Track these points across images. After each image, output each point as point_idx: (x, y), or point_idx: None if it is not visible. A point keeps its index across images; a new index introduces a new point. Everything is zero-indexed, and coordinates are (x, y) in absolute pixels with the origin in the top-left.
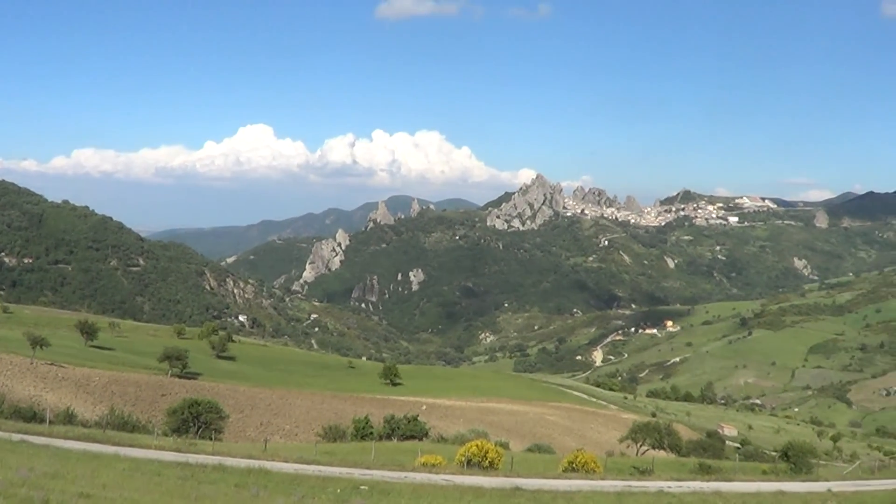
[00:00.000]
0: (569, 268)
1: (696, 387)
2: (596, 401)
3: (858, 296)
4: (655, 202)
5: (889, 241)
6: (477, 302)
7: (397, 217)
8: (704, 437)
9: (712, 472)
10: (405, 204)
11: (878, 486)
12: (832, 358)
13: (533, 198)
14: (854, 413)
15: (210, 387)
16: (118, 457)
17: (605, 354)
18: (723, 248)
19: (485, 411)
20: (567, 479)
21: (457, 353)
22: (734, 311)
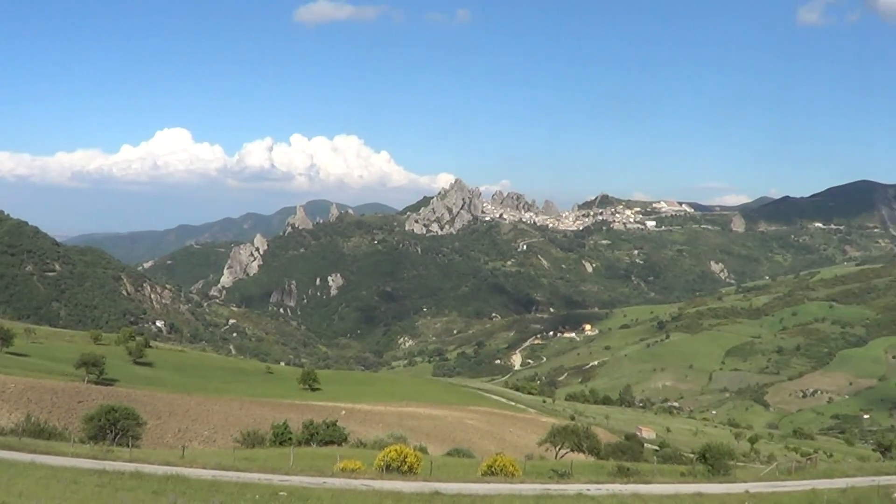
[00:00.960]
0: (487, 272)
1: (615, 390)
2: (515, 405)
3: (775, 299)
4: (574, 207)
5: (805, 245)
6: (396, 306)
7: (316, 222)
8: (623, 439)
9: (631, 474)
10: (324, 208)
11: (794, 486)
12: (749, 360)
13: (451, 202)
14: (771, 415)
15: (127, 393)
16: (34, 465)
17: (524, 358)
18: (640, 253)
19: (404, 416)
20: (486, 483)
21: (376, 358)
22: (652, 314)
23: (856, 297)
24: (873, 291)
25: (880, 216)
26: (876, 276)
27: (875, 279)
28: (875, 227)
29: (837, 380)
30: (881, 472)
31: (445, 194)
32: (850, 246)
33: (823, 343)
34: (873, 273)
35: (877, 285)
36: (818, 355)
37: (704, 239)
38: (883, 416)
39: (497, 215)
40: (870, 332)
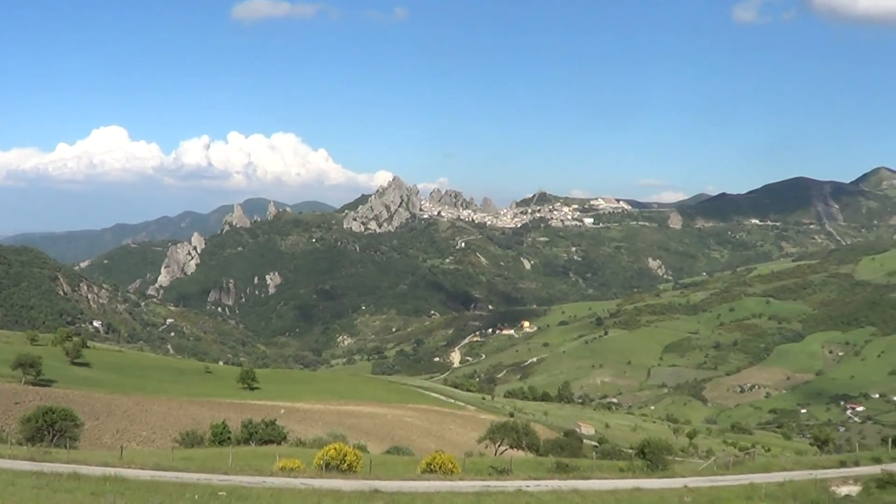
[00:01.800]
0: (426, 270)
1: (554, 386)
2: (454, 402)
3: (712, 295)
4: (511, 204)
5: (741, 242)
6: (334, 305)
7: (253, 220)
8: (562, 436)
9: (570, 470)
10: (261, 207)
11: (732, 480)
12: (687, 356)
13: (390, 200)
14: (709, 410)
15: (65, 394)
16: None
17: (462, 356)
18: (578, 249)
19: (343, 414)
20: (426, 481)
21: (315, 357)
22: (590, 311)
23: (792, 293)
24: (809, 287)
25: (816, 212)
26: (812, 272)
27: (811, 275)
28: (811, 223)
29: (774, 375)
30: (818, 465)
31: (384, 192)
32: (787, 242)
33: (760, 338)
34: (809, 269)
35: (813, 281)
36: (755, 350)
37: (642, 236)
38: (820, 410)
39: (435, 213)
40: (806, 328)
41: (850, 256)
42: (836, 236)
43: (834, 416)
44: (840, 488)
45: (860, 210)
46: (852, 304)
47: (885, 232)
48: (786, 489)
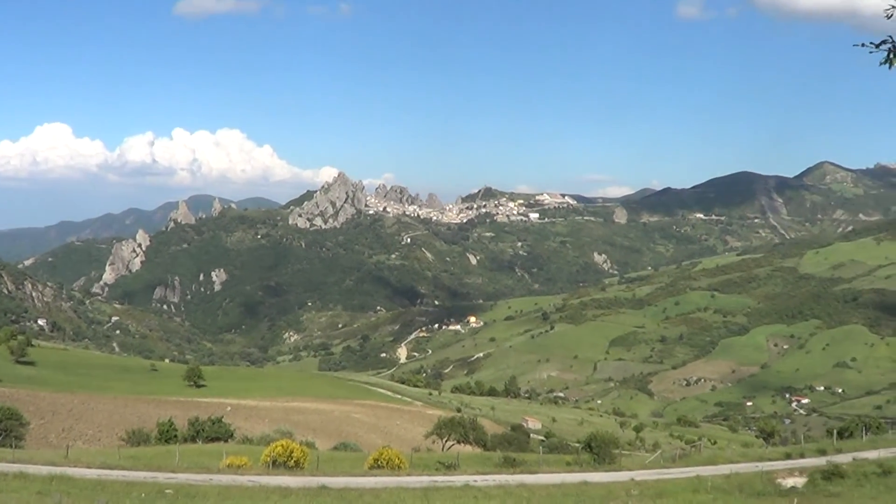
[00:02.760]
0: (372, 265)
1: (500, 381)
2: (401, 397)
3: (657, 289)
4: (457, 199)
5: (686, 236)
6: (280, 301)
7: (198, 217)
8: (509, 430)
9: (517, 464)
10: (206, 203)
11: (678, 473)
12: (633, 350)
13: (335, 196)
14: (655, 403)
15: (9, 393)
16: None
17: (409, 351)
18: (524, 244)
19: (290, 411)
20: (373, 477)
21: (261, 354)
22: (536, 305)
23: (737, 287)
24: (754, 281)
25: (760, 207)
26: (756, 266)
27: (756, 269)
28: (755, 217)
29: (720, 368)
30: (764, 457)
31: (329, 188)
32: (731, 236)
33: (706, 332)
34: (754, 263)
35: (757, 275)
36: (701, 344)
37: (587, 230)
38: (765, 402)
39: (381, 209)
40: (751, 321)
41: (795, 250)
42: (780, 230)
43: (779, 408)
44: (786, 480)
45: (804, 204)
46: (797, 298)
47: (828, 226)
48: (732, 481)
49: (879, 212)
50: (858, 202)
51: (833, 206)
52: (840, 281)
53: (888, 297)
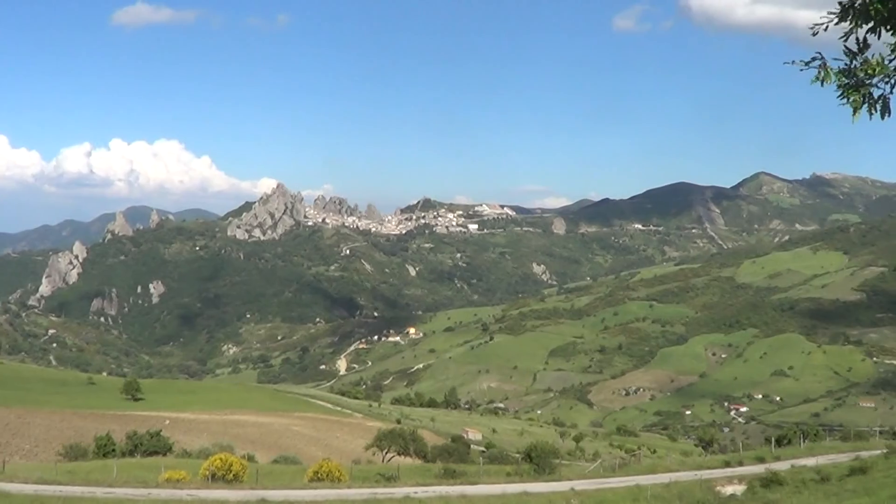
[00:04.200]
0: (311, 277)
1: (440, 392)
2: (341, 410)
3: (596, 299)
4: (396, 211)
5: (624, 246)
6: (219, 313)
7: (136, 228)
8: (449, 441)
9: (458, 475)
10: (144, 215)
11: (618, 483)
12: (572, 360)
13: (274, 207)
14: (595, 413)
15: None
16: None
17: (349, 363)
18: (463, 256)
19: (229, 424)
20: (313, 490)
21: (200, 366)
22: (475, 316)
23: (675, 297)
24: (692, 290)
25: (698, 217)
26: (694, 276)
27: (693, 278)
28: (693, 227)
29: (659, 377)
30: (703, 466)
31: (268, 199)
32: (669, 246)
33: (644, 342)
34: (691, 272)
35: (695, 284)
36: (640, 354)
37: (526, 241)
38: (704, 411)
39: (320, 220)
40: (689, 330)
41: (732, 260)
42: (717, 240)
43: (718, 416)
44: (725, 488)
45: (741, 214)
46: (734, 307)
47: (765, 235)
48: (672, 490)
49: (815, 222)
50: (795, 212)
51: (770, 216)
52: (777, 290)
53: (824, 306)
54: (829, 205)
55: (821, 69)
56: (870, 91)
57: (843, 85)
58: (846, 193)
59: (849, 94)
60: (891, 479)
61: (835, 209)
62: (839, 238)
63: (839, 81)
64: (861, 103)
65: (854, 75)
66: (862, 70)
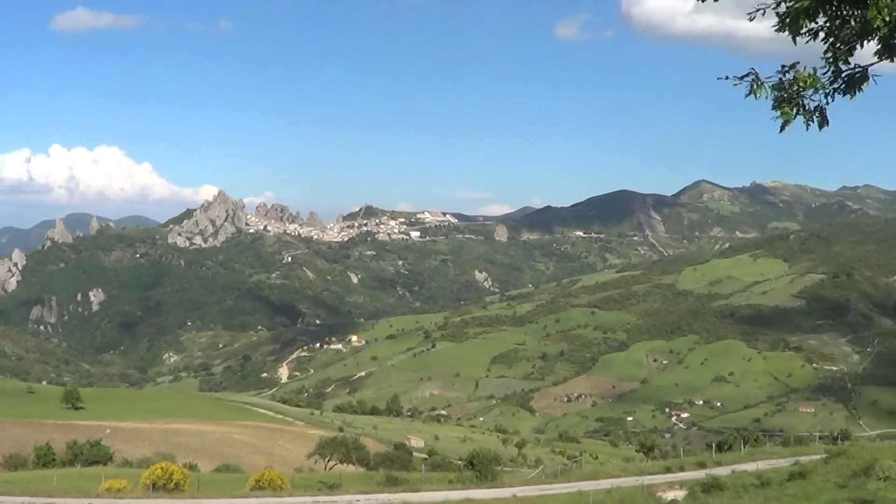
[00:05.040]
0: (252, 284)
1: (383, 400)
2: (283, 418)
3: (538, 307)
4: (338, 218)
5: (566, 254)
6: (160, 321)
7: (76, 235)
8: (392, 449)
9: (400, 483)
10: (84, 222)
11: (560, 489)
12: (514, 367)
13: (215, 214)
14: (537, 420)
15: None
16: None
17: (290, 371)
18: (405, 263)
19: (171, 433)
20: (255, 498)
21: (140, 375)
22: (418, 324)
23: (616, 304)
24: (633, 297)
25: (639, 224)
26: (635, 283)
27: (635, 285)
28: (634, 234)
29: (600, 383)
30: (645, 471)
31: (209, 206)
32: (611, 253)
33: (586, 348)
34: (633, 279)
35: (636, 291)
36: (581, 360)
37: (468, 249)
38: (645, 417)
39: (261, 227)
40: (630, 337)
41: (673, 267)
42: (658, 248)
43: (659, 422)
44: (666, 493)
45: (682, 222)
46: (675, 314)
47: (705, 243)
48: (614, 496)
49: (755, 229)
50: (735, 220)
51: (710, 223)
52: (717, 297)
53: (764, 313)
54: (769, 212)
55: (753, 83)
56: (803, 103)
57: (777, 99)
58: (786, 201)
59: (781, 108)
60: (830, 484)
61: (775, 217)
62: (779, 245)
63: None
64: (793, 116)
65: (787, 89)
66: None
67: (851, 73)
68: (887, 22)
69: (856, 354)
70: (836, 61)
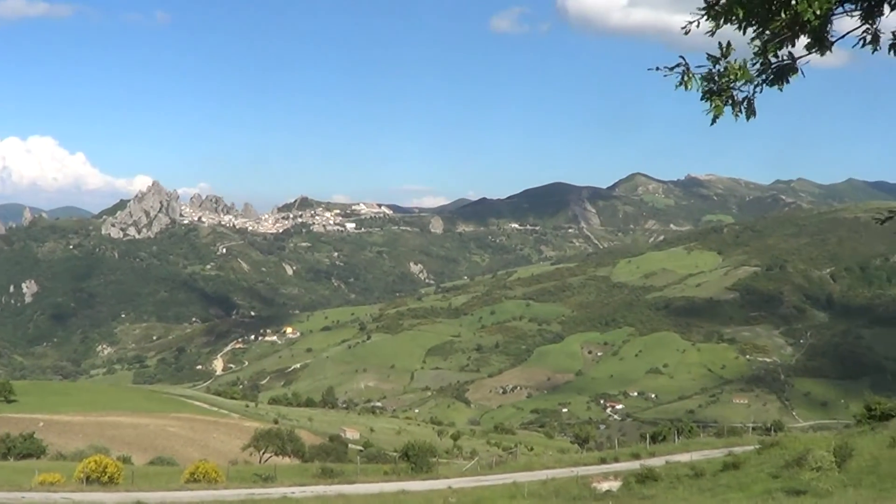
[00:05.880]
0: (187, 276)
1: (318, 392)
2: (218, 410)
3: (473, 298)
4: (273, 209)
5: (501, 246)
6: (93, 313)
7: (8, 227)
8: (327, 441)
9: (335, 475)
10: (16, 212)
11: (495, 480)
12: (450, 359)
13: (149, 205)
14: (472, 411)
15: None
16: None
17: (225, 363)
18: (340, 255)
19: (105, 426)
20: (190, 491)
21: (74, 367)
22: (353, 315)
23: (551, 296)
24: (568, 289)
25: (574, 216)
26: (571, 275)
27: (570, 278)
28: (569, 227)
29: (536, 375)
30: (580, 462)
31: (143, 197)
32: (546, 246)
33: (521, 340)
34: (568, 272)
35: (571, 283)
36: (517, 352)
37: (403, 240)
38: (580, 408)
39: (196, 218)
40: (565, 329)
41: (608, 259)
42: (593, 240)
43: (594, 414)
44: (601, 484)
45: (617, 214)
46: (610, 306)
47: (640, 235)
48: (548, 487)
49: (690, 222)
50: (670, 213)
51: (645, 216)
52: (652, 289)
53: (698, 305)
54: (704, 205)
55: (684, 74)
56: (732, 95)
57: (706, 90)
58: (720, 195)
59: (711, 99)
60: (763, 474)
61: (709, 210)
62: (713, 238)
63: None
64: (723, 107)
65: (716, 80)
66: (724, 75)
67: (780, 65)
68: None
69: (789, 346)
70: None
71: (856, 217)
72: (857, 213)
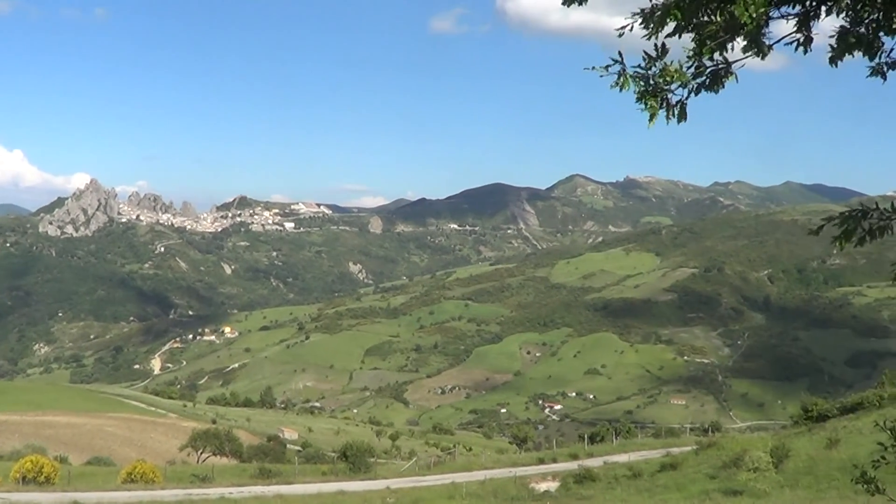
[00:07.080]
0: (124, 275)
1: (256, 392)
2: (155, 410)
3: (412, 299)
4: (212, 208)
5: (440, 246)
6: (30, 312)
7: None
8: (265, 441)
9: (273, 475)
10: None
11: (434, 480)
12: (388, 359)
13: (87, 203)
14: (411, 412)
15: None
16: None
17: (163, 362)
18: (279, 254)
19: (41, 425)
20: (127, 491)
21: (10, 366)
22: (291, 315)
23: (490, 296)
24: (507, 290)
25: (513, 217)
26: (509, 276)
27: (508, 278)
28: (508, 227)
29: (474, 375)
30: (518, 463)
31: (80, 195)
32: (485, 246)
33: (460, 340)
34: (507, 272)
35: (510, 284)
36: (455, 353)
37: (343, 240)
38: (519, 409)
39: (134, 217)
40: (504, 329)
41: (546, 260)
42: (532, 241)
43: (533, 414)
44: (539, 484)
45: (556, 215)
46: (548, 307)
47: (579, 236)
48: (487, 487)
49: (628, 223)
50: (608, 214)
51: (584, 217)
52: (590, 290)
53: (636, 306)
54: (642, 207)
55: (620, 75)
56: (667, 97)
57: (641, 91)
58: (658, 196)
59: (646, 100)
60: (701, 475)
61: (647, 211)
62: (651, 240)
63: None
64: (658, 109)
65: (652, 81)
66: (660, 76)
67: (715, 68)
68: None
69: (726, 347)
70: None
71: (793, 220)
72: (794, 216)
